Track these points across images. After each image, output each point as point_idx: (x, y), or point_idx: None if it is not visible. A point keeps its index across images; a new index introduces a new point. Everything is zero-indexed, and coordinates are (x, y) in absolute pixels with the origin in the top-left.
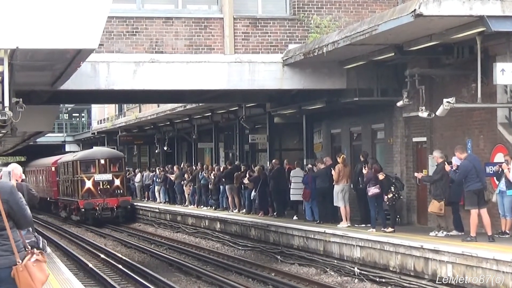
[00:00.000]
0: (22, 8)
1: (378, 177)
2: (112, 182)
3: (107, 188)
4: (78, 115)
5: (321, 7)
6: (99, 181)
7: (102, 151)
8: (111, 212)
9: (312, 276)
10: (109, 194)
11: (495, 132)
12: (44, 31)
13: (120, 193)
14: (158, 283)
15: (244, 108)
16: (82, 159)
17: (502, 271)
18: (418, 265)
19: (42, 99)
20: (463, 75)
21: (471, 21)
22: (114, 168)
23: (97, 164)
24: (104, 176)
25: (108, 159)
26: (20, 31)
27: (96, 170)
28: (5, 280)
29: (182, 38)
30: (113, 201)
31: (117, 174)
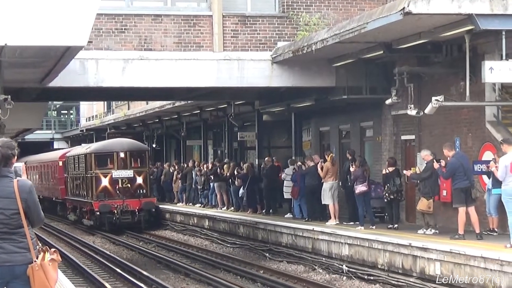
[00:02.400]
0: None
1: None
2: (134, 180)
3: (128, 187)
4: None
5: (310, 5)
6: (117, 178)
7: (122, 142)
8: (132, 216)
9: (300, 274)
10: (130, 194)
11: (484, 130)
12: (32, 28)
13: (143, 194)
14: (146, 280)
15: (233, 105)
16: (98, 152)
17: (490, 269)
18: (406, 262)
19: (31, 96)
20: (452, 73)
21: (459, 19)
22: (136, 163)
23: (115, 158)
24: (123, 173)
25: (128, 152)
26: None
27: (115, 166)
28: (20, 277)
29: (171, 35)
30: (135, 203)
31: (140, 170)
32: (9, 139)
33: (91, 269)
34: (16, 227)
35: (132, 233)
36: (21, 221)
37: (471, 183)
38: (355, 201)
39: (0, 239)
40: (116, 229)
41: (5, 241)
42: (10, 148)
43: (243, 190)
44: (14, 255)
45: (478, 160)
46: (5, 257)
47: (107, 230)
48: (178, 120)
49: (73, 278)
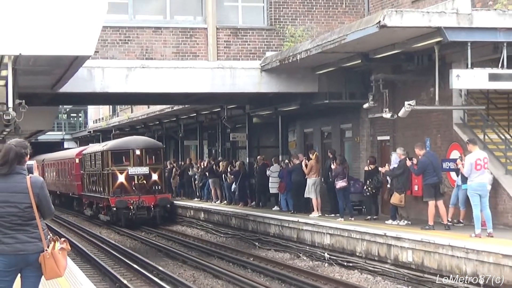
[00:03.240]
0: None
1: None
2: (149, 176)
3: (143, 184)
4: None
5: (295, 19)
6: (133, 175)
7: (137, 140)
8: (147, 212)
9: (286, 261)
10: (145, 190)
11: (451, 132)
12: (44, 39)
13: (158, 190)
14: (147, 267)
15: (225, 109)
16: (114, 149)
17: (456, 256)
18: (381, 250)
19: (43, 101)
20: (423, 80)
21: (429, 32)
22: (151, 160)
23: (131, 156)
24: (139, 170)
25: (144, 149)
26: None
27: (130, 163)
28: (32, 264)
29: (170, 46)
30: (150, 199)
31: (155, 167)
32: (23, 139)
33: (97, 257)
34: (29, 219)
35: (147, 228)
36: (33, 213)
37: (440, 179)
38: (335, 195)
39: (15, 230)
40: (132, 225)
41: (19, 232)
42: (24, 148)
43: (235, 186)
44: (27, 244)
45: (446, 159)
46: (19, 246)
47: (123, 226)
48: (177, 122)
49: (81, 265)
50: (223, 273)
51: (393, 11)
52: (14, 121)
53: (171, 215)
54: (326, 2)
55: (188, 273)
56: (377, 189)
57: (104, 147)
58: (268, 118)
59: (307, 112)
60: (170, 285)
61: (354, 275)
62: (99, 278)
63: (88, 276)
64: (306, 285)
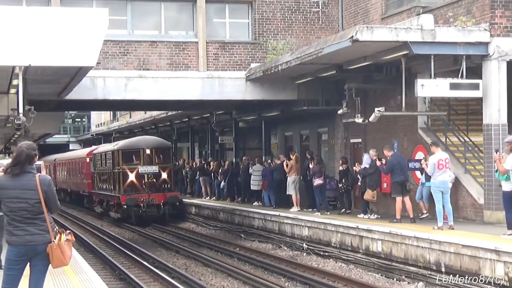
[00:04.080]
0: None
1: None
2: (159, 175)
3: (153, 182)
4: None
5: (276, 33)
6: (143, 173)
7: (147, 140)
8: (157, 210)
9: (269, 251)
10: (155, 188)
11: (416, 135)
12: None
13: (167, 188)
14: (144, 256)
15: (214, 114)
16: (124, 148)
17: (421, 246)
18: (354, 241)
19: (50, 107)
20: (391, 89)
21: (397, 46)
22: (160, 159)
23: (141, 155)
24: (149, 168)
25: (154, 149)
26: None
27: (141, 162)
28: (41, 254)
29: (165, 58)
30: (160, 197)
31: (164, 166)
32: (32, 142)
33: (99, 247)
34: (37, 214)
35: (157, 225)
36: (42, 208)
37: (406, 177)
38: (313, 192)
39: (25, 223)
40: (142, 222)
41: (29, 225)
42: (33, 149)
43: (224, 183)
44: (36, 236)
45: (412, 159)
46: (29, 238)
47: (134, 223)
48: (170, 126)
49: (84, 254)
50: (212, 262)
51: (364, 27)
52: (24, 125)
53: (180, 213)
54: (304, 19)
55: (180, 262)
56: (351, 187)
57: (115, 147)
58: (252, 122)
59: (288, 118)
60: (164, 273)
61: (330, 264)
62: (101, 266)
63: (90, 264)
64: (286, 273)
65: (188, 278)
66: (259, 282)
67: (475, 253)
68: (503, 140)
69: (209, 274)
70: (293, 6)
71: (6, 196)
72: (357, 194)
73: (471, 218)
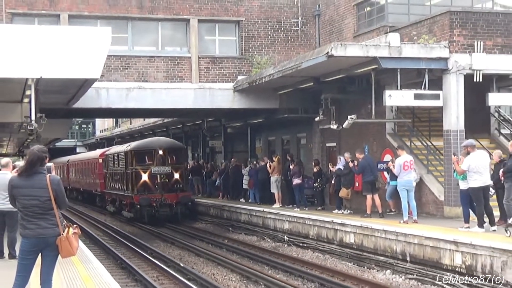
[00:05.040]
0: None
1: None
2: (171, 175)
3: (166, 182)
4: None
5: (261, 50)
6: (156, 174)
7: (160, 141)
8: (170, 209)
9: (254, 242)
10: (168, 189)
11: (384, 140)
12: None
13: (180, 188)
14: (143, 247)
15: (205, 121)
16: (138, 149)
17: (388, 238)
18: (329, 234)
19: (59, 114)
20: (362, 99)
21: (367, 61)
22: (173, 160)
23: (154, 155)
24: (162, 169)
25: (166, 149)
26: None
27: (154, 162)
28: (51, 245)
29: (161, 71)
30: (172, 196)
31: (177, 166)
32: (43, 146)
33: (103, 239)
34: (48, 209)
35: (171, 225)
36: (51, 205)
37: (376, 177)
38: (293, 190)
39: (37, 218)
40: (155, 221)
41: (40, 220)
42: (44, 152)
43: (219, 181)
44: (46, 229)
45: (381, 161)
46: (40, 231)
47: (147, 222)
48: (166, 132)
49: (90, 246)
50: (203, 252)
51: (338, 44)
52: (36, 131)
53: (192, 213)
54: (285, 36)
55: (175, 252)
56: (325, 186)
57: (128, 148)
58: (239, 128)
59: (271, 124)
60: (161, 262)
61: (308, 253)
62: (104, 256)
63: (95, 255)
64: (269, 262)
65: (182, 266)
66: (245, 270)
67: (436, 244)
68: (460, 144)
69: (201, 263)
70: (275, 25)
71: (20, 194)
72: (331, 191)
73: (432, 213)
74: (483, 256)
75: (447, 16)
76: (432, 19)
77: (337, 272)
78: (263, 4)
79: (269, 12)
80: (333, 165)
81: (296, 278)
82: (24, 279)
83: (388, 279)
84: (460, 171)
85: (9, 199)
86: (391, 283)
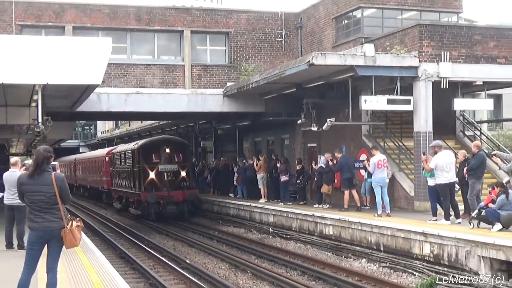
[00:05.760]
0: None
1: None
2: (178, 173)
3: (172, 180)
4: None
5: (248, 58)
6: (163, 171)
7: (167, 139)
8: (177, 206)
9: (241, 234)
10: (175, 186)
11: (360, 141)
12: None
13: (186, 186)
14: (141, 238)
15: (197, 124)
16: (145, 147)
17: (364, 230)
18: (310, 226)
19: (64, 117)
20: (340, 103)
21: (345, 69)
22: (179, 158)
23: (161, 153)
24: (169, 167)
25: (173, 148)
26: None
27: (161, 160)
28: (56, 237)
29: (157, 78)
30: (179, 194)
31: (183, 164)
32: (48, 146)
33: (103, 232)
34: (53, 204)
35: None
36: (56, 200)
37: (353, 174)
38: (278, 186)
39: (43, 212)
40: (161, 219)
41: (46, 214)
42: (49, 152)
43: (210, 178)
44: (52, 222)
45: (357, 160)
46: (46, 224)
47: (154, 219)
48: (162, 133)
49: (92, 237)
50: (195, 243)
51: (319, 53)
52: (43, 132)
53: (198, 210)
54: (270, 47)
55: (170, 243)
56: (307, 182)
57: (136, 146)
58: (228, 130)
59: (257, 126)
60: (156, 252)
61: (291, 244)
62: (105, 247)
63: (96, 245)
64: (256, 252)
65: (176, 256)
66: (233, 259)
67: (407, 235)
68: (429, 145)
69: (193, 253)
70: (262, 36)
71: (28, 190)
72: (313, 187)
73: (404, 207)
74: (449, 246)
75: (417, 28)
76: (403, 31)
77: (317, 261)
78: (250, 17)
79: (255, 24)
80: (316, 164)
81: (280, 267)
82: (32, 267)
83: (364, 267)
84: (428, 169)
85: (18, 195)
86: (366, 271)
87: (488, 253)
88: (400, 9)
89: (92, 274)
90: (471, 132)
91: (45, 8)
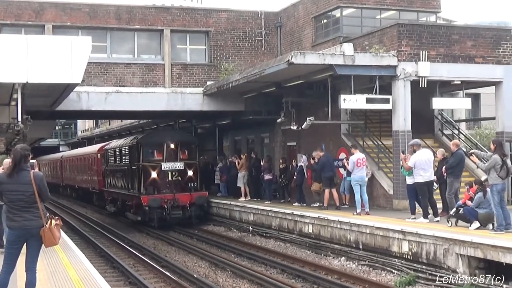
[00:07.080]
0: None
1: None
2: (184, 172)
3: (178, 180)
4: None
5: (228, 57)
6: (167, 170)
7: (171, 133)
8: (183, 212)
9: (222, 232)
10: (180, 188)
11: (340, 139)
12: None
13: (194, 187)
14: (120, 237)
15: (178, 122)
16: (145, 142)
17: (343, 228)
18: (290, 225)
19: (44, 116)
20: (319, 102)
21: (324, 68)
22: (186, 155)
23: (164, 149)
24: (173, 165)
25: (179, 143)
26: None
27: (164, 157)
28: (35, 236)
29: (137, 76)
30: (186, 197)
31: (190, 162)
32: (26, 144)
33: (83, 230)
34: (32, 203)
35: (182, 229)
36: (35, 199)
37: (334, 173)
38: (258, 184)
39: (22, 211)
40: (166, 225)
41: (25, 212)
42: (27, 150)
43: None
44: (31, 221)
45: (336, 159)
46: (26, 223)
47: (156, 226)
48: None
49: (71, 236)
50: (175, 242)
51: (298, 52)
52: (23, 131)
53: (207, 215)
54: (250, 45)
55: (150, 242)
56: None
57: (134, 141)
58: (208, 129)
59: (237, 125)
60: (137, 251)
61: (270, 242)
62: (85, 245)
63: (76, 244)
64: (235, 250)
65: (156, 254)
66: (213, 257)
67: (386, 233)
68: (407, 144)
69: (173, 252)
70: (241, 35)
71: (6, 190)
72: (293, 186)
73: (383, 205)
74: (427, 244)
75: (395, 28)
76: (382, 30)
77: (297, 259)
78: (230, 16)
79: (235, 23)
80: (296, 163)
81: (259, 265)
82: (11, 266)
83: (343, 265)
84: (407, 168)
85: None
86: (345, 269)
87: (466, 251)
88: (379, 9)
89: (71, 272)
90: (449, 131)
91: (25, 7)
